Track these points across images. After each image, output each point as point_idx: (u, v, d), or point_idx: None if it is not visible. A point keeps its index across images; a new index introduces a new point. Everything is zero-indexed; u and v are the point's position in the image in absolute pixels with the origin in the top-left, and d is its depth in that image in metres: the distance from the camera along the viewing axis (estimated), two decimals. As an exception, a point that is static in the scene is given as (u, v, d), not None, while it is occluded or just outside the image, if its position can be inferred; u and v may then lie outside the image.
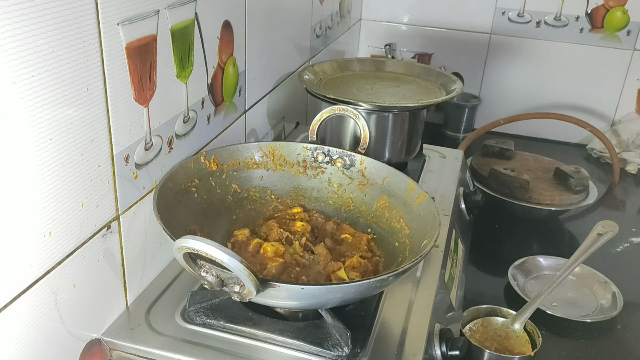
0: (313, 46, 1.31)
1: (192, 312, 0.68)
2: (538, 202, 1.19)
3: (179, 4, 0.69)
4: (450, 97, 1.02)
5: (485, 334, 0.86)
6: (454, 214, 0.98)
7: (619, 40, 1.55)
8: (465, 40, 1.64)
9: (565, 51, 1.58)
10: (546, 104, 1.64)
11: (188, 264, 0.56)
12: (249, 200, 0.82)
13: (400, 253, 0.73)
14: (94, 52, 0.56)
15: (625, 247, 1.15)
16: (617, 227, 0.92)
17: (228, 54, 0.86)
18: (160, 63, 0.68)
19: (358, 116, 0.86)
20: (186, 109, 0.76)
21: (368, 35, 1.73)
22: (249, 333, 0.65)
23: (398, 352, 0.65)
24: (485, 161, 1.31)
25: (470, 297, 0.96)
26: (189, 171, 0.75)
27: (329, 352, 0.63)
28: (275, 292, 0.56)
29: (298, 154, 0.85)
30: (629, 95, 1.59)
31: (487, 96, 1.68)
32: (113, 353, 0.65)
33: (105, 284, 0.65)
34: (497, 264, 1.06)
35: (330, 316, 0.65)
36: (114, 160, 0.62)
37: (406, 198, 0.77)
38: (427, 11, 1.65)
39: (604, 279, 1.00)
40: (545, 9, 1.56)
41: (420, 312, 0.72)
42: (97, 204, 0.60)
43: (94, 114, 0.57)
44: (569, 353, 0.87)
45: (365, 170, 0.82)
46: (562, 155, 1.43)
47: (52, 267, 0.55)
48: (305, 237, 0.75)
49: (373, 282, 0.58)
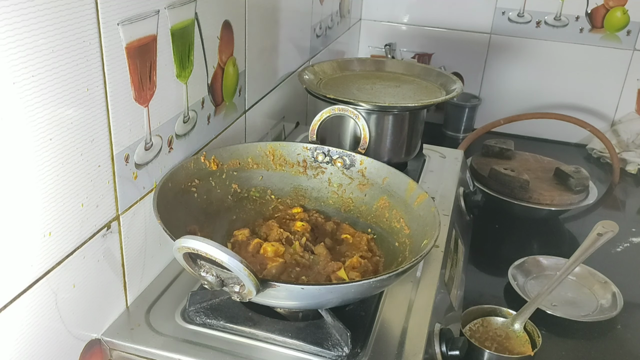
0: (313, 46, 1.31)
1: (192, 312, 0.68)
2: (538, 202, 1.19)
3: (179, 4, 0.69)
4: (450, 97, 1.02)
5: (485, 334, 0.86)
6: (454, 214, 0.97)
7: (619, 40, 1.54)
8: (465, 40, 1.64)
9: (565, 51, 1.58)
10: (546, 104, 1.65)
11: (188, 264, 0.56)
12: (249, 200, 0.82)
13: (400, 253, 0.73)
14: (94, 52, 0.56)
15: (625, 247, 1.15)
16: (617, 227, 0.92)
17: (228, 54, 0.86)
18: (160, 63, 0.68)
19: (358, 116, 0.86)
20: (186, 109, 0.76)
21: (368, 35, 1.73)
22: (249, 333, 0.65)
23: (398, 352, 0.65)
24: (485, 161, 1.31)
25: (470, 297, 0.96)
26: (189, 171, 0.75)
27: (329, 352, 0.63)
28: (275, 292, 0.56)
29: (298, 154, 0.85)
30: (629, 95, 1.59)
31: (487, 96, 1.68)
32: (113, 353, 0.65)
33: (105, 284, 0.65)
34: (497, 264, 1.06)
35: (330, 316, 0.65)
36: (114, 160, 0.62)
37: (406, 198, 0.77)
38: (427, 11, 1.65)
39: (604, 279, 1.00)
40: (545, 9, 1.56)
41: (420, 312, 0.72)
42: (97, 204, 0.60)
43: (94, 114, 0.57)
44: (569, 353, 0.87)
45: (365, 170, 0.82)
46: (562, 155, 1.43)
47: (52, 267, 0.55)
48: (305, 237, 0.75)
49: (373, 282, 0.58)
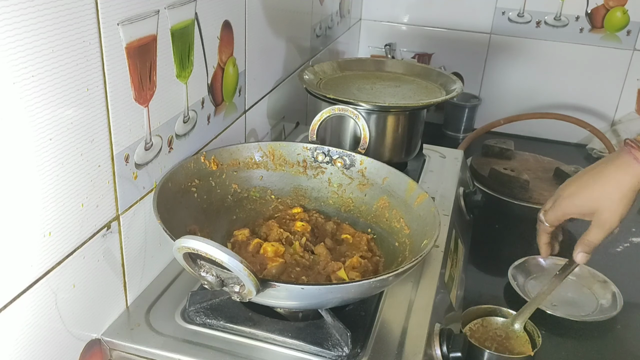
0: (313, 46, 1.31)
1: (192, 312, 0.68)
2: (538, 202, 1.19)
3: (179, 4, 0.69)
4: (450, 97, 1.02)
5: (485, 334, 0.86)
6: (454, 214, 0.97)
7: (619, 40, 1.54)
8: (465, 40, 1.64)
9: (565, 51, 1.58)
10: (546, 104, 1.64)
11: (188, 264, 0.56)
12: (249, 200, 0.82)
13: (400, 253, 0.73)
14: (94, 52, 0.56)
15: (625, 247, 1.15)
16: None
17: (228, 54, 0.86)
18: (160, 63, 0.68)
19: (358, 116, 0.86)
20: (186, 109, 0.76)
21: (368, 35, 1.73)
22: (249, 333, 0.65)
23: (398, 352, 0.65)
24: (485, 161, 1.31)
25: (470, 297, 0.96)
26: (189, 171, 0.75)
27: (329, 352, 0.63)
28: (275, 292, 0.56)
29: (298, 154, 0.85)
30: (629, 95, 1.59)
31: (487, 96, 1.68)
32: (113, 353, 0.65)
33: (105, 284, 0.65)
34: (497, 264, 1.06)
35: (330, 316, 0.64)
36: (114, 160, 0.62)
37: (406, 198, 0.77)
38: (427, 11, 1.65)
39: (604, 279, 1.00)
40: (545, 9, 1.56)
41: (420, 312, 0.72)
42: (97, 204, 0.60)
43: (94, 114, 0.57)
44: (569, 353, 0.87)
45: (365, 170, 0.82)
46: (562, 155, 1.43)
47: (52, 267, 0.55)
48: (305, 237, 0.75)
49: (373, 282, 0.58)
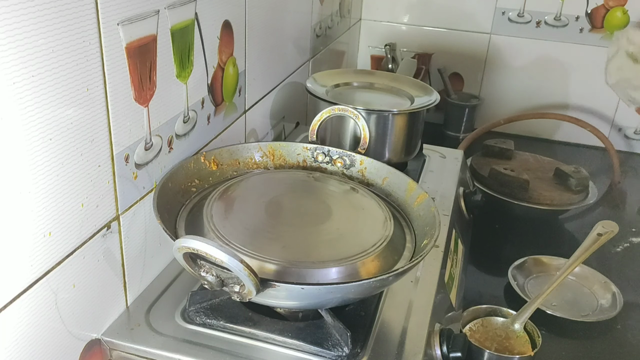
0: (313, 46, 1.31)
1: (192, 312, 0.68)
2: (538, 202, 1.19)
3: (179, 4, 0.69)
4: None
5: (485, 334, 0.86)
6: (454, 214, 0.97)
7: (619, 40, 1.54)
8: (465, 40, 1.64)
9: (565, 51, 1.58)
10: (546, 104, 1.64)
11: (188, 264, 0.56)
12: (249, 200, 0.82)
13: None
14: (94, 52, 0.56)
15: (625, 247, 1.15)
16: (617, 227, 0.92)
17: (228, 54, 0.86)
18: (160, 63, 0.68)
19: (358, 116, 0.86)
20: (186, 109, 0.76)
21: (368, 35, 1.73)
22: (249, 333, 0.65)
23: (398, 352, 0.65)
24: (485, 161, 1.31)
25: (470, 297, 0.96)
26: (189, 171, 0.75)
27: (329, 352, 0.63)
28: (275, 292, 0.56)
29: (298, 154, 0.85)
30: (629, 95, 1.59)
31: (487, 96, 1.68)
32: (113, 353, 0.65)
33: (105, 284, 0.65)
34: (497, 264, 1.06)
35: (330, 316, 0.64)
36: (114, 160, 0.62)
37: (406, 198, 0.76)
38: (427, 11, 1.65)
39: (604, 279, 1.00)
40: (545, 9, 1.56)
41: (420, 312, 0.72)
42: (97, 204, 0.60)
43: (93, 114, 0.57)
44: (569, 353, 0.87)
45: (365, 170, 0.82)
46: (562, 155, 1.43)
47: (52, 267, 0.55)
48: (305, 237, 0.75)
49: (373, 282, 0.58)
